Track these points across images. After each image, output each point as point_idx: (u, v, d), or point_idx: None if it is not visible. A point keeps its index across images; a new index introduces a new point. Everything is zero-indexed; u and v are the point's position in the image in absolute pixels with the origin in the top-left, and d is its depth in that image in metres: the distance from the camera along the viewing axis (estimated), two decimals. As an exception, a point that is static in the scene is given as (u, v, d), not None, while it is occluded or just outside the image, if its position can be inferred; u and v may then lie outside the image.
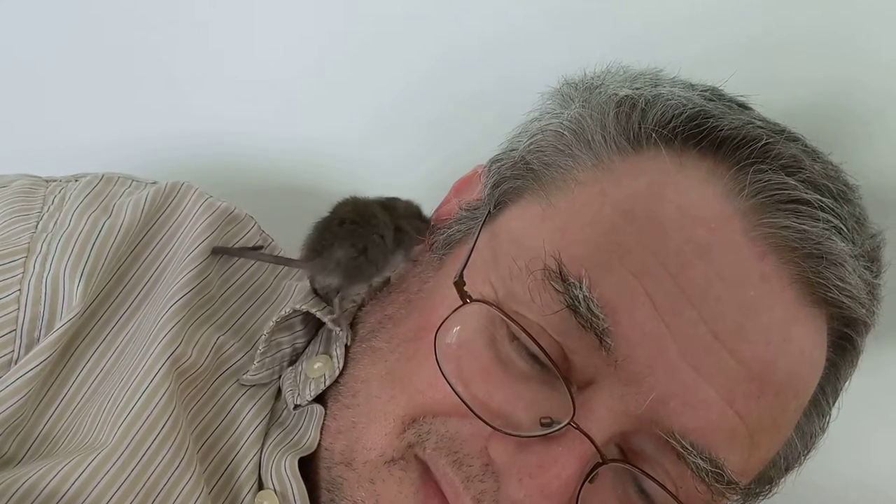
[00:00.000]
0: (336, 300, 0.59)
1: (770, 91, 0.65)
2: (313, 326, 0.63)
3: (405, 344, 0.55)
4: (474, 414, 0.49)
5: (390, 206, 0.61)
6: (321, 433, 0.56)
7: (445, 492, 0.51)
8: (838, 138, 0.67)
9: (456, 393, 0.49)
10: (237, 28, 0.76)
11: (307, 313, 0.60)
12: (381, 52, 0.75)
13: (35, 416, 0.52)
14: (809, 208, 0.50)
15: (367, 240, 0.58)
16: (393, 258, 0.60)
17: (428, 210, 0.63)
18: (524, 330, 0.49)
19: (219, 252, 0.60)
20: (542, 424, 0.49)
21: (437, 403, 0.51)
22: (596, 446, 0.48)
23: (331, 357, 0.59)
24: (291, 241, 0.69)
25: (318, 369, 0.59)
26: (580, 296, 0.48)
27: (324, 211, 0.78)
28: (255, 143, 0.78)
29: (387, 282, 0.64)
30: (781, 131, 0.54)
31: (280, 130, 0.77)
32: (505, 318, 0.50)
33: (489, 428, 0.49)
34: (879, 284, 0.56)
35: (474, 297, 0.50)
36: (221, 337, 0.58)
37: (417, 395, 0.52)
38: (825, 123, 0.67)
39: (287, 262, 0.62)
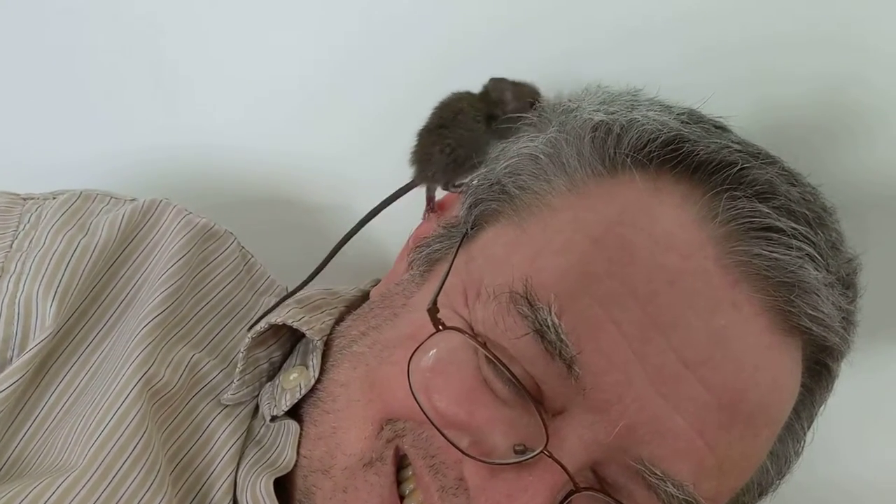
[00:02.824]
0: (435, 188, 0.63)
1: (769, 89, 0.64)
2: (287, 339, 0.62)
3: (389, 349, 0.54)
4: (448, 441, 0.49)
5: (496, 92, 0.62)
6: (300, 442, 0.56)
7: (423, 496, 0.51)
8: (838, 137, 0.67)
9: (430, 420, 0.49)
10: (225, 43, 0.75)
11: (279, 326, 0.59)
12: (372, 65, 0.74)
13: (7, 437, 0.52)
14: (782, 236, 0.50)
15: (455, 137, 0.61)
16: (489, 145, 0.61)
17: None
18: (496, 358, 0.48)
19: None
20: (516, 451, 0.48)
21: (414, 413, 0.50)
22: (569, 474, 0.47)
23: (306, 367, 0.59)
24: (274, 255, 0.69)
25: (293, 380, 0.58)
26: (548, 320, 0.47)
27: (309, 224, 0.79)
28: (242, 156, 0.78)
29: (365, 296, 0.64)
30: (757, 154, 0.54)
31: (267, 143, 0.77)
32: (478, 345, 0.49)
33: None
34: (854, 310, 0.55)
35: (448, 325, 0.50)
36: (196, 355, 0.58)
37: (394, 402, 0.52)
38: (825, 122, 0.67)
39: (400, 193, 0.63)
